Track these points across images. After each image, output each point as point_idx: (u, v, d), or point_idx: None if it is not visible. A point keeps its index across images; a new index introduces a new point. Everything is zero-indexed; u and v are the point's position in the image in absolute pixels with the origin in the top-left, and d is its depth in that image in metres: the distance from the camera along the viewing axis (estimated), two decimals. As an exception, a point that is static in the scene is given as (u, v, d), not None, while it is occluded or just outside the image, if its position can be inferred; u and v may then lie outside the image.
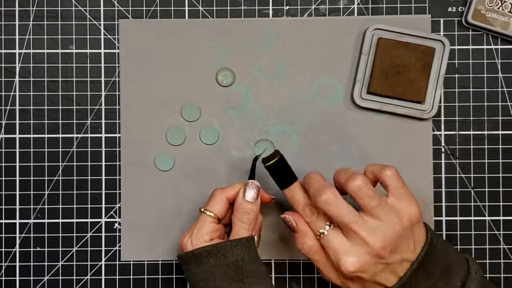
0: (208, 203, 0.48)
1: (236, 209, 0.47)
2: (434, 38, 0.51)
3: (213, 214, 0.47)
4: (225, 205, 0.47)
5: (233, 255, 0.45)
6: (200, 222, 0.47)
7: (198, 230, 0.46)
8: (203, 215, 0.47)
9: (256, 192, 0.47)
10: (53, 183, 0.53)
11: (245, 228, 0.46)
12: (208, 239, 0.46)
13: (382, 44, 0.51)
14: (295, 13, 0.54)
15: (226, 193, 0.48)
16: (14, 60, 0.53)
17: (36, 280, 0.53)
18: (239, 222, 0.46)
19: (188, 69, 0.53)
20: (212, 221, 0.47)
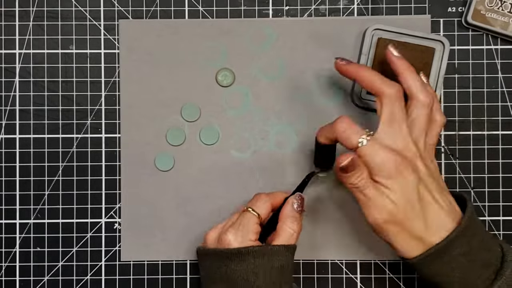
0: (254, 204, 0.47)
1: (286, 217, 0.47)
2: (434, 39, 0.51)
3: (259, 215, 0.47)
4: (269, 209, 0.47)
5: (278, 260, 0.45)
6: (245, 221, 0.46)
7: (244, 228, 0.46)
8: (249, 214, 0.46)
9: (302, 202, 0.48)
10: (53, 183, 0.53)
11: (293, 235, 0.46)
12: (254, 239, 0.46)
13: (382, 44, 0.51)
14: (295, 13, 0.54)
15: (271, 199, 0.48)
16: (14, 60, 0.53)
17: (36, 280, 0.53)
18: (289, 228, 0.46)
19: (188, 69, 0.53)
20: (257, 221, 0.46)
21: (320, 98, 0.53)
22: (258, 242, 0.46)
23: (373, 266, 0.53)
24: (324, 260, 0.53)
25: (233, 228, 0.46)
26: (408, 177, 0.42)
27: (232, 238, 0.45)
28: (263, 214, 0.47)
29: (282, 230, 0.46)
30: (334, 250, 0.53)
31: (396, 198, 0.42)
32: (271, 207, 0.48)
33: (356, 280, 0.53)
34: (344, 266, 0.53)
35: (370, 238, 0.53)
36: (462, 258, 0.43)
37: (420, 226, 0.43)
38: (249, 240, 0.45)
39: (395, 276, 0.53)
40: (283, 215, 0.47)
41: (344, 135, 0.43)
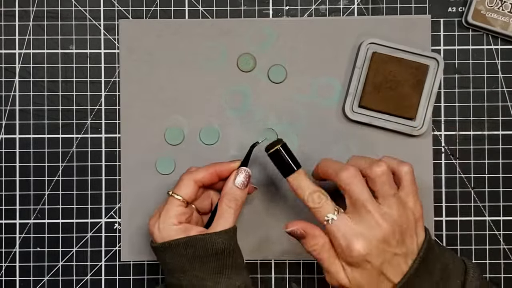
0: (176, 186, 0.47)
1: (224, 194, 0.46)
2: (429, 56, 0.51)
3: (181, 197, 0.46)
4: (193, 188, 0.47)
5: (213, 247, 0.44)
6: (167, 205, 0.46)
7: (166, 213, 0.46)
8: (171, 198, 0.46)
9: (247, 179, 0.47)
10: (53, 183, 0.53)
11: (231, 214, 0.46)
12: (176, 222, 0.45)
13: (376, 58, 0.51)
14: (295, 13, 0.54)
15: (194, 176, 0.47)
16: (14, 60, 0.53)
17: (36, 280, 0.53)
18: (226, 206, 0.46)
19: (188, 69, 0.53)
20: (180, 204, 0.46)
21: (320, 98, 0.53)
22: (184, 225, 0.45)
23: (373, 266, 0.53)
24: (324, 260, 0.53)
25: (155, 216, 0.46)
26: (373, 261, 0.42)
27: (155, 225, 0.46)
28: (185, 195, 0.46)
29: (221, 208, 0.46)
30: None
31: (352, 277, 0.43)
32: (194, 184, 0.47)
33: (356, 280, 0.53)
34: (344, 266, 0.53)
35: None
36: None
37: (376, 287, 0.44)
38: (170, 224, 0.45)
39: (395, 276, 0.53)
40: (222, 193, 0.47)
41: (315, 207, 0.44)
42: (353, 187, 0.43)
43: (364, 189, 0.43)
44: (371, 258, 0.42)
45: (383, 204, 0.43)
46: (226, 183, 0.47)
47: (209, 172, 0.47)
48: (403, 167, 0.45)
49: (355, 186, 0.43)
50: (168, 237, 0.45)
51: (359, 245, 0.42)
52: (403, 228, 0.43)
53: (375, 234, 0.42)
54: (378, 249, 0.42)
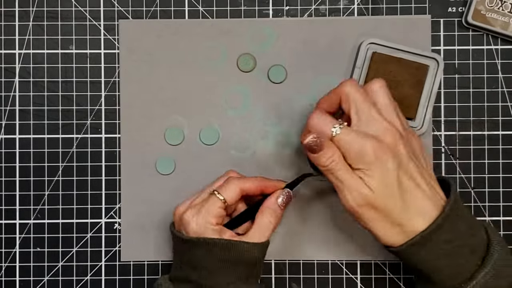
0: (221, 187, 0.47)
1: (266, 208, 0.47)
2: (429, 56, 0.51)
3: (224, 199, 0.46)
4: (237, 195, 0.46)
5: (248, 256, 0.45)
6: (209, 204, 0.46)
7: (207, 211, 0.45)
8: (214, 197, 0.46)
9: (288, 200, 0.47)
10: (53, 183, 0.53)
11: (270, 228, 0.46)
12: (215, 222, 0.45)
13: (376, 58, 0.51)
14: (295, 13, 0.54)
15: (241, 184, 0.47)
16: (14, 61, 0.53)
17: (36, 280, 0.53)
18: (267, 220, 0.46)
19: (188, 69, 0.53)
20: (221, 206, 0.46)
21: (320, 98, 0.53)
22: (219, 226, 0.46)
23: (373, 266, 0.53)
24: (324, 261, 0.53)
25: (194, 209, 0.46)
26: (387, 164, 0.41)
27: (193, 220, 0.45)
28: (229, 199, 0.46)
29: (260, 221, 0.46)
30: (334, 250, 0.53)
31: (373, 184, 0.41)
32: (240, 192, 0.47)
33: (356, 281, 0.53)
34: (344, 266, 0.53)
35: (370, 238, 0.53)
36: (448, 245, 0.42)
37: (400, 213, 0.42)
38: (209, 223, 0.45)
39: (395, 276, 0.53)
40: (264, 206, 0.47)
41: (317, 128, 0.43)
42: (357, 95, 0.43)
43: (367, 97, 0.43)
44: (387, 159, 0.41)
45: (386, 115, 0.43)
46: (269, 198, 0.47)
47: (255, 185, 0.47)
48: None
49: (359, 94, 0.43)
50: (203, 233, 0.45)
51: (369, 145, 0.41)
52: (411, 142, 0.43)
53: (385, 136, 0.42)
54: (391, 151, 0.42)
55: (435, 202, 0.42)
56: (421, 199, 0.42)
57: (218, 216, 0.46)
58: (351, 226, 0.53)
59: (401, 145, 0.42)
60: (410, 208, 0.42)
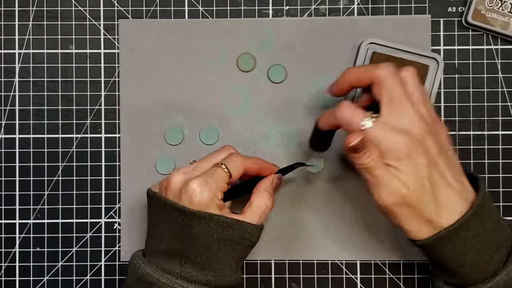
0: (227, 161, 0.45)
1: (264, 190, 0.46)
2: (429, 56, 0.51)
3: (230, 174, 0.44)
4: (241, 171, 0.45)
5: (249, 238, 0.44)
6: (216, 176, 0.44)
7: (213, 182, 0.43)
8: (221, 171, 0.44)
9: (278, 185, 0.47)
10: (52, 183, 0.53)
11: (266, 212, 0.45)
12: (220, 197, 0.44)
13: (376, 58, 0.51)
14: (295, 13, 0.54)
15: (245, 161, 0.46)
16: (13, 60, 0.53)
17: (35, 280, 0.53)
18: (264, 203, 0.45)
19: (188, 69, 0.53)
20: (227, 181, 0.44)
21: (320, 98, 0.53)
22: (222, 202, 0.44)
23: (373, 266, 0.53)
24: (324, 260, 0.53)
25: (201, 178, 0.43)
26: (419, 159, 0.41)
27: (198, 190, 0.42)
28: (234, 174, 0.45)
29: (258, 202, 0.45)
30: (334, 250, 0.53)
31: (407, 180, 0.41)
32: (243, 169, 0.46)
33: (356, 281, 0.53)
34: (344, 266, 0.53)
35: (370, 238, 0.53)
36: (474, 240, 0.42)
37: (431, 209, 0.41)
38: (216, 198, 0.43)
39: (395, 276, 0.53)
40: (262, 187, 0.46)
41: (346, 119, 0.42)
42: (394, 84, 0.41)
43: (403, 88, 0.42)
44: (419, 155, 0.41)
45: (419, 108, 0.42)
46: (266, 180, 0.47)
47: (256, 165, 0.47)
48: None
49: (396, 84, 0.42)
50: (207, 207, 0.42)
51: (403, 141, 0.40)
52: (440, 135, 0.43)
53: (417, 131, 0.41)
54: (423, 146, 0.41)
55: (464, 197, 0.42)
56: (450, 195, 0.42)
57: (223, 190, 0.44)
58: (352, 226, 0.53)
59: (431, 139, 0.42)
60: (440, 203, 0.42)
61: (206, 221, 0.42)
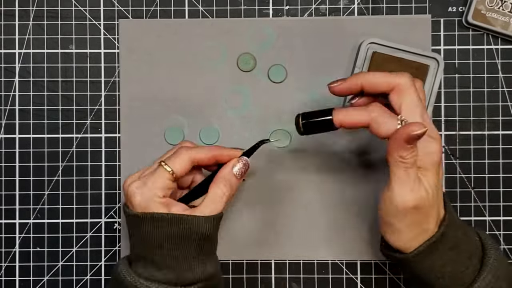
0: (170, 158, 0.45)
1: (220, 178, 0.45)
2: (429, 55, 0.51)
3: (172, 171, 0.44)
4: (187, 165, 0.44)
5: (198, 231, 0.43)
6: (155, 175, 0.44)
7: (153, 183, 0.43)
8: (161, 169, 0.44)
9: (245, 169, 0.46)
10: (52, 183, 0.53)
11: (223, 200, 0.44)
12: (161, 195, 0.43)
13: (376, 58, 0.51)
14: (295, 13, 0.54)
15: (192, 154, 0.45)
16: (14, 60, 0.53)
17: (35, 280, 0.53)
18: (221, 191, 0.44)
19: (188, 69, 0.53)
20: (169, 178, 0.44)
21: (320, 98, 0.53)
22: (167, 199, 0.44)
23: (373, 266, 0.53)
24: (324, 260, 0.53)
25: (140, 181, 0.44)
26: (440, 170, 0.42)
27: (137, 192, 0.43)
28: (178, 170, 0.44)
29: (213, 191, 0.44)
30: (334, 250, 0.53)
31: (428, 186, 0.41)
32: (190, 163, 0.45)
33: (356, 281, 0.53)
34: (344, 266, 0.53)
35: (370, 238, 0.53)
36: (451, 252, 0.43)
37: (433, 218, 0.42)
38: (154, 195, 0.43)
39: (395, 276, 0.53)
40: (218, 176, 0.45)
41: (380, 119, 0.41)
42: (413, 95, 0.42)
43: (420, 99, 0.42)
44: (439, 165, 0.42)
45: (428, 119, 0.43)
46: (223, 168, 0.45)
47: (208, 155, 0.45)
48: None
49: (415, 94, 0.42)
50: (149, 208, 0.43)
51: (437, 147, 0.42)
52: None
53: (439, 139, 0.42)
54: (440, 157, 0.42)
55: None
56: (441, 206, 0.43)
57: (166, 188, 0.44)
58: (352, 226, 0.53)
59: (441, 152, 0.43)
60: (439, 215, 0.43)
61: (149, 221, 0.43)
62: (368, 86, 0.43)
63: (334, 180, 0.53)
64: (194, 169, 0.47)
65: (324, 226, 0.53)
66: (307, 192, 0.53)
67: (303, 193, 0.53)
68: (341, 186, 0.53)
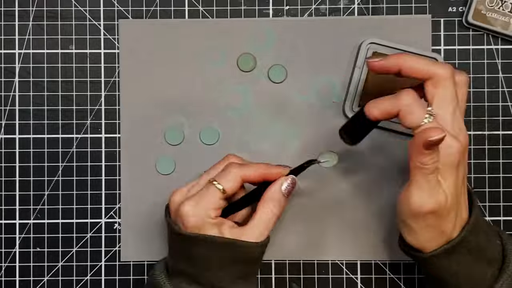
0: (220, 175, 0.44)
1: (269, 198, 0.44)
2: (429, 55, 0.51)
3: (224, 189, 0.43)
4: (238, 184, 0.44)
5: (249, 256, 0.43)
6: (208, 194, 0.43)
7: (206, 203, 0.43)
8: (213, 188, 0.43)
9: (292, 187, 0.45)
10: (53, 183, 0.53)
11: (273, 220, 0.44)
12: (214, 216, 0.43)
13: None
14: (295, 13, 0.53)
15: (242, 171, 0.44)
16: (14, 60, 0.53)
17: (36, 280, 0.53)
18: (271, 212, 0.44)
19: (188, 69, 0.53)
20: (221, 197, 0.43)
21: (320, 98, 0.53)
22: (219, 218, 0.44)
23: (373, 267, 0.53)
24: (324, 261, 0.53)
25: (192, 200, 0.43)
26: (461, 169, 0.40)
27: (190, 213, 0.43)
28: (229, 188, 0.44)
29: (262, 211, 0.44)
30: (334, 250, 0.53)
31: (448, 190, 0.40)
32: (241, 181, 0.44)
33: (356, 281, 0.53)
34: (345, 266, 0.53)
35: (371, 238, 0.53)
36: (470, 257, 0.42)
37: (452, 222, 0.41)
38: (207, 216, 0.43)
39: (395, 276, 0.53)
40: (267, 195, 0.44)
41: (408, 109, 0.40)
42: (451, 88, 0.40)
43: (455, 89, 0.41)
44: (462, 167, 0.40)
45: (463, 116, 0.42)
46: (271, 186, 0.44)
47: (258, 172, 0.45)
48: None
49: (452, 87, 0.40)
50: (202, 228, 0.42)
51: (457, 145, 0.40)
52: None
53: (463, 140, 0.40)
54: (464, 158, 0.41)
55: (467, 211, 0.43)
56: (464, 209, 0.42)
57: (218, 208, 0.44)
58: (352, 226, 0.53)
59: (466, 152, 0.41)
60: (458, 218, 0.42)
61: (201, 243, 0.43)
62: (406, 69, 0.42)
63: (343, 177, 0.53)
64: None
65: (325, 226, 0.53)
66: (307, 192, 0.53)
67: (303, 193, 0.53)
68: (341, 186, 0.53)
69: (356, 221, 0.53)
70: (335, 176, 0.53)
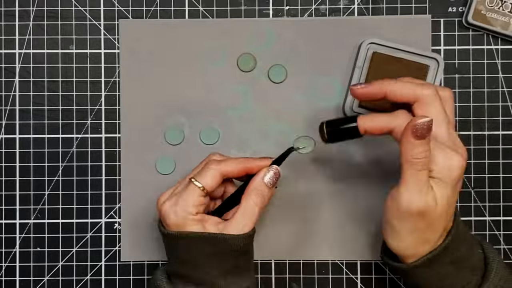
0: (199, 173, 0.44)
1: (251, 190, 0.44)
2: (429, 56, 0.51)
3: (203, 187, 0.44)
4: (218, 179, 0.44)
5: (233, 249, 0.43)
6: (187, 192, 0.44)
7: (184, 200, 0.43)
8: (192, 186, 0.44)
9: (276, 178, 0.45)
10: (53, 183, 0.53)
11: (256, 212, 0.44)
12: (194, 212, 0.43)
13: (376, 58, 0.51)
14: (295, 13, 0.54)
15: (221, 167, 0.44)
16: (14, 60, 0.53)
17: (36, 280, 0.53)
18: (253, 203, 0.44)
19: (188, 69, 0.53)
20: (200, 194, 0.44)
21: (320, 98, 0.53)
22: (201, 215, 0.44)
23: (373, 266, 0.53)
24: (324, 260, 0.53)
25: (172, 199, 0.44)
26: (459, 186, 0.41)
27: (171, 211, 0.43)
28: (208, 185, 0.44)
29: (245, 203, 0.44)
30: (334, 250, 0.53)
31: (439, 199, 0.40)
32: (220, 176, 0.44)
33: (356, 281, 0.53)
34: (345, 266, 0.53)
35: (371, 238, 0.53)
36: (451, 267, 0.42)
37: (439, 232, 0.42)
38: (188, 213, 0.43)
39: (395, 276, 0.53)
40: (249, 188, 0.44)
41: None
42: (438, 108, 0.41)
43: (445, 112, 0.42)
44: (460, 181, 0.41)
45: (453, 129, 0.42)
46: (254, 178, 0.45)
47: (238, 168, 0.45)
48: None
49: (440, 108, 0.41)
50: (184, 225, 0.43)
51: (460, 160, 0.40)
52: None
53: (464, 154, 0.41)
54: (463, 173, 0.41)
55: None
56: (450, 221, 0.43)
57: (198, 204, 0.44)
58: (352, 226, 0.53)
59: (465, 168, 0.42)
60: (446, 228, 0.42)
61: (184, 241, 0.43)
62: (392, 95, 0.43)
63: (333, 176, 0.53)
64: (225, 180, 0.46)
65: (324, 226, 0.53)
66: (307, 192, 0.53)
67: (303, 193, 0.53)
68: (341, 186, 0.53)
69: (357, 221, 0.53)
70: (335, 176, 0.53)
